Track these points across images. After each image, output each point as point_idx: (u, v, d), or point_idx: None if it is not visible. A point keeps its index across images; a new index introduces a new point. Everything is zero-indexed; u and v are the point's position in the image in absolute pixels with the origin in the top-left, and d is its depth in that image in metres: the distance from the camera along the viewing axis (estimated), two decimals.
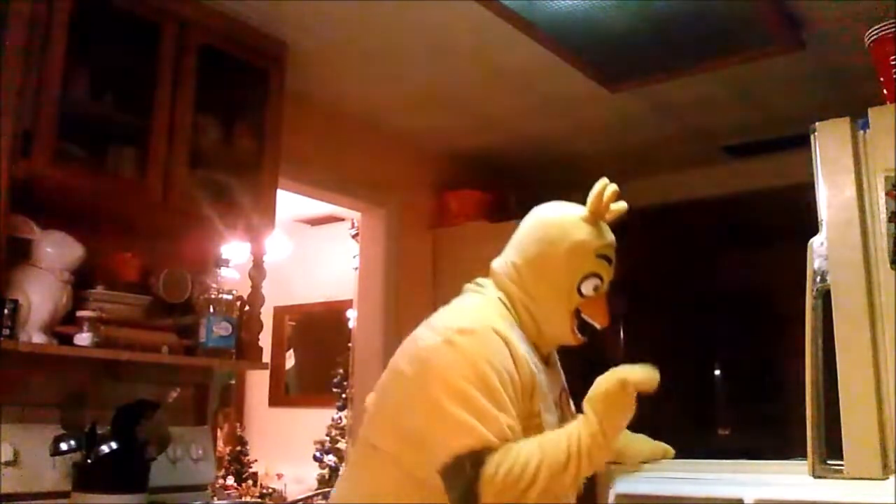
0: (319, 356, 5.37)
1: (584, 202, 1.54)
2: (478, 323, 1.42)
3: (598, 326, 1.52)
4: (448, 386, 1.33)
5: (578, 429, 1.33)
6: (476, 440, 1.28)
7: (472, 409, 1.30)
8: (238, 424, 5.39)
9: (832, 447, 1.82)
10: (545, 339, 1.52)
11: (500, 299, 1.52)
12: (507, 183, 4.06)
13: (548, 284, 1.51)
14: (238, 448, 5.09)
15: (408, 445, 1.39)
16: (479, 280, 1.58)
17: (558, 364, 1.62)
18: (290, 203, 3.98)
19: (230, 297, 2.62)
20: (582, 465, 1.31)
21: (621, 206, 1.56)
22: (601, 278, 1.51)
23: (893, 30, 1.95)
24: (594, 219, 1.52)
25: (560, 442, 1.33)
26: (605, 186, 1.51)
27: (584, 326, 1.55)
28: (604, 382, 1.34)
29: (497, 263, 1.57)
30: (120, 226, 2.46)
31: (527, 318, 1.51)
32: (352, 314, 4.32)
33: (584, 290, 1.50)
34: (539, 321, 1.51)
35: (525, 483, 1.27)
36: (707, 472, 1.76)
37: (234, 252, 2.81)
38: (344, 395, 4.82)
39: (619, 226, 1.55)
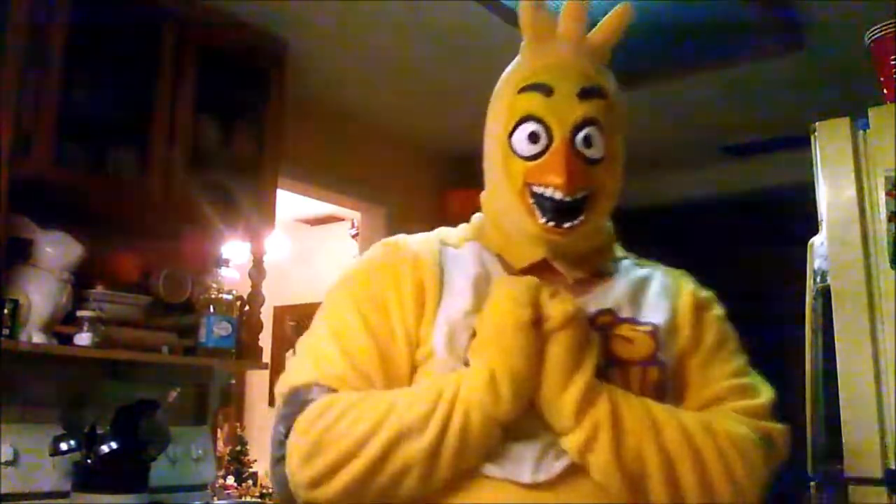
0: None
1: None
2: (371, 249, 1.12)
3: (557, 194, 1.00)
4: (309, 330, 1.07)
5: (457, 377, 0.92)
6: (296, 379, 0.99)
7: (311, 347, 1.02)
8: (238, 424, 5.39)
9: (832, 447, 1.82)
10: (517, 248, 1.07)
11: (471, 223, 1.18)
12: None
13: (489, 166, 1.10)
14: (238, 448, 5.08)
15: None
16: None
17: (614, 289, 1.08)
18: (290, 203, 3.98)
19: (230, 297, 2.62)
20: (451, 432, 0.88)
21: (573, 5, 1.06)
22: (539, 121, 1.02)
23: (893, 30, 1.95)
24: (526, 43, 1.10)
25: (424, 392, 0.92)
26: None
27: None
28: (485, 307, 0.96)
29: None
30: (120, 226, 2.46)
31: (496, 234, 1.11)
32: None
33: (517, 147, 1.03)
34: (504, 226, 1.09)
35: (347, 443, 0.89)
36: None
37: (234, 252, 2.82)
38: None
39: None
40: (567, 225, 1.01)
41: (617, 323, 1.01)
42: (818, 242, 1.93)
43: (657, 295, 1.08)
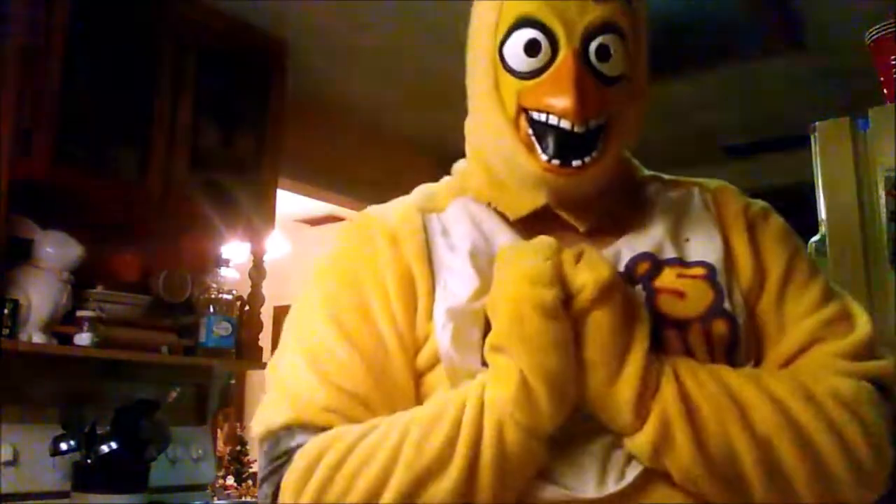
0: None
1: None
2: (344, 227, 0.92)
3: (564, 123, 0.78)
4: (280, 348, 0.84)
5: (477, 387, 0.70)
6: (280, 417, 0.77)
7: (283, 374, 0.81)
8: (238, 424, 5.39)
9: None
10: (511, 195, 0.84)
11: (454, 172, 0.96)
12: None
13: (472, 88, 0.86)
14: (238, 448, 5.09)
15: None
16: None
17: (644, 237, 0.84)
18: (290, 203, 3.98)
19: (230, 297, 2.62)
20: (483, 460, 0.67)
21: None
22: (540, 26, 0.78)
23: (893, 30, 1.95)
24: None
25: (439, 413, 0.70)
26: None
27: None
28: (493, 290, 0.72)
29: None
30: (120, 226, 2.46)
31: (484, 178, 0.88)
32: None
33: (510, 60, 0.80)
34: (494, 166, 0.86)
35: (352, 502, 0.68)
36: None
37: (234, 252, 2.81)
38: None
39: None
40: (576, 163, 0.78)
41: (660, 269, 0.79)
42: (818, 242, 1.93)
43: (702, 221, 0.86)
